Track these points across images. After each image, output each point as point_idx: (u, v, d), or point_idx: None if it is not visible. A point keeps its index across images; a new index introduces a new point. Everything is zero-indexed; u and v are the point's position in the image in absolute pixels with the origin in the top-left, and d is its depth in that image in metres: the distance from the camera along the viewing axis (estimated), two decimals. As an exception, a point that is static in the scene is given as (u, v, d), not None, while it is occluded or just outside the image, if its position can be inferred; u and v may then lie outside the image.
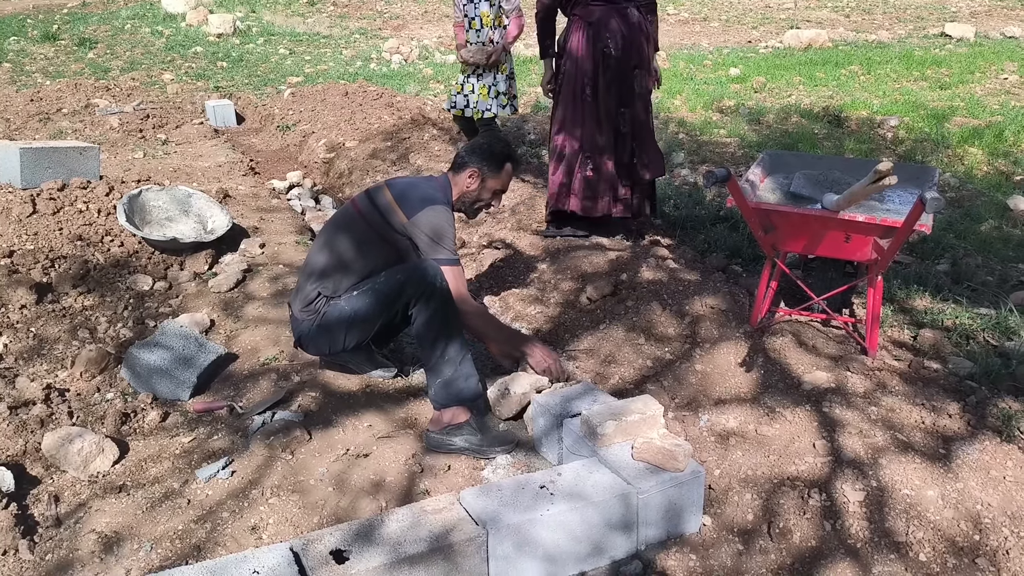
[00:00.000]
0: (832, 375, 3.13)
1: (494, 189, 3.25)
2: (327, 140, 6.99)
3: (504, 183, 3.27)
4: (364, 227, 3.11)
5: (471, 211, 3.31)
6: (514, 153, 3.31)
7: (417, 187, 3.17)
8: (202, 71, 11.41)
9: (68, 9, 20.52)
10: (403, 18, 19.51)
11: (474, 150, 3.23)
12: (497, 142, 3.30)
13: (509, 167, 3.24)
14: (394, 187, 3.16)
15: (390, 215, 3.08)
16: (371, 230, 3.10)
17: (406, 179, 3.32)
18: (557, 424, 2.84)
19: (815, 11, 21.82)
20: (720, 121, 8.06)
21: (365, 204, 3.15)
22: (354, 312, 3.01)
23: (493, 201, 3.29)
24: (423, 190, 3.14)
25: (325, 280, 3.09)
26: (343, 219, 3.22)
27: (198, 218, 4.62)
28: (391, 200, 3.09)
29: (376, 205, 3.11)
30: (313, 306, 3.08)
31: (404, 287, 2.95)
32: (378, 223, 3.09)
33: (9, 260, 3.97)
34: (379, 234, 3.09)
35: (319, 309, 3.07)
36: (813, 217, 3.08)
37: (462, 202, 3.24)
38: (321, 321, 3.06)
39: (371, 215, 3.10)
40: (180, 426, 3.04)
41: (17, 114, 8.13)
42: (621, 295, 3.81)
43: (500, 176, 3.22)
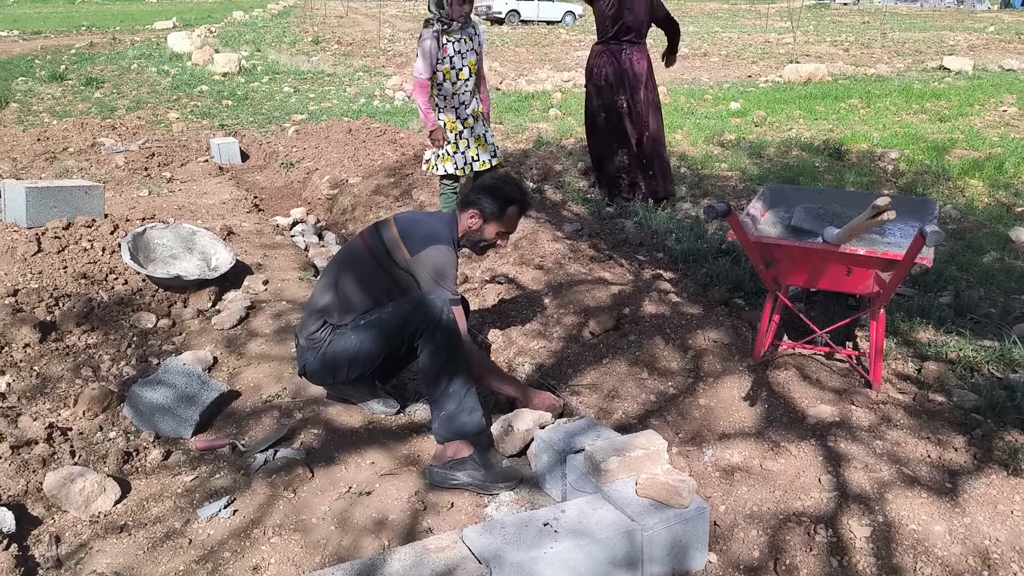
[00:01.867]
0: (836, 409, 3.12)
1: (498, 231, 3.22)
2: (331, 177, 7.04)
3: (508, 226, 3.24)
4: (371, 261, 3.13)
5: (477, 249, 3.31)
6: (520, 196, 3.25)
7: (422, 224, 3.19)
8: (207, 109, 11.54)
9: (76, 49, 20.85)
10: (406, 56, 19.76)
11: (480, 190, 3.24)
12: (504, 184, 3.27)
13: (513, 210, 3.21)
14: (400, 222, 3.19)
15: (394, 251, 3.10)
16: (377, 264, 3.12)
17: (413, 215, 3.35)
18: (560, 460, 2.83)
19: (814, 46, 22.07)
20: (721, 155, 8.11)
21: (373, 238, 3.18)
22: (359, 343, 3.03)
23: (499, 241, 3.28)
24: (428, 227, 3.16)
25: (331, 311, 3.12)
26: (350, 253, 3.25)
27: (202, 255, 4.64)
28: (396, 236, 3.11)
29: (383, 240, 3.14)
30: (318, 335, 3.11)
31: (409, 319, 2.96)
32: (383, 258, 3.11)
33: (13, 299, 3.98)
34: (384, 269, 3.11)
35: (324, 338, 3.10)
36: (814, 251, 3.09)
37: (467, 240, 3.25)
38: (326, 350, 3.08)
39: (378, 249, 3.13)
40: (182, 464, 3.03)
41: (24, 153, 8.22)
42: (624, 329, 3.81)
43: (502, 219, 3.20)
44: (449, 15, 4.88)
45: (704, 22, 34.31)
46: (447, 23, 4.90)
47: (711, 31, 28.73)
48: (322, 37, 24.44)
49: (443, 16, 4.89)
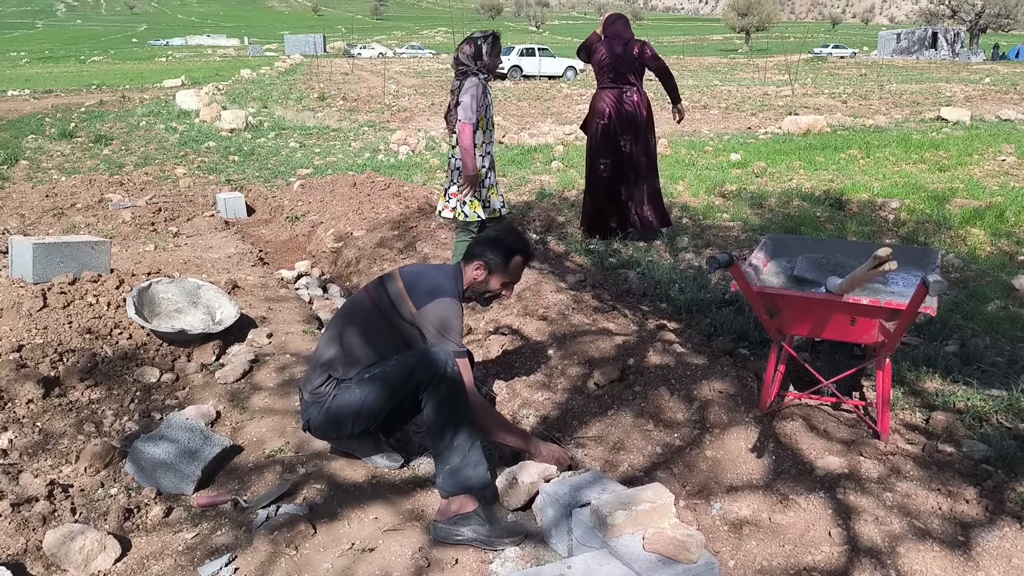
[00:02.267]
0: (845, 460, 3.09)
1: (503, 281, 3.24)
2: (335, 230, 7.10)
3: (512, 276, 3.26)
4: (375, 314, 3.14)
5: (482, 300, 3.32)
6: (524, 247, 3.28)
7: (427, 277, 3.20)
8: (214, 165, 11.68)
9: (86, 107, 21.21)
10: (410, 111, 20.08)
11: (484, 243, 3.26)
12: (508, 235, 3.30)
13: (517, 261, 3.23)
14: (405, 276, 3.21)
15: (400, 304, 3.11)
16: (382, 317, 3.13)
17: (417, 268, 3.37)
18: (566, 514, 2.79)
19: (812, 98, 22.38)
20: (723, 205, 8.17)
21: (378, 292, 3.19)
22: (363, 397, 3.02)
23: (503, 292, 3.29)
24: (433, 280, 3.17)
25: (335, 365, 3.12)
26: (355, 306, 3.26)
27: (207, 309, 4.65)
28: (402, 289, 3.13)
29: (388, 293, 3.16)
30: (323, 389, 3.11)
31: (414, 372, 2.96)
32: (389, 311, 3.12)
33: (18, 355, 3.99)
34: (389, 322, 3.12)
35: (328, 392, 3.09)
36: (817, 300, 3.09)
37: (472, 291, 3.27)
38: (330, 404, 3.07)
39: (383, 303, 3.14)
40: (183, 521, 2.99)
41: (32, 209, 8.31)
42: (629, 380, 3.80)
43: (507, 270, 3.22)
44: (487, 66, 5.10)
45: (703, 75, 34.86)
46: (486, 74, 5.11)
47: (710, 84, 29.18)
48: (328, 93, 24.86)
49: (480, 67, 5.08)
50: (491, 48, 5.09)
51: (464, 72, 5.10)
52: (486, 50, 5.06)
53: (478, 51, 5.06)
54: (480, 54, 5.06)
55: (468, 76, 5.07)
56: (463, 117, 5.02)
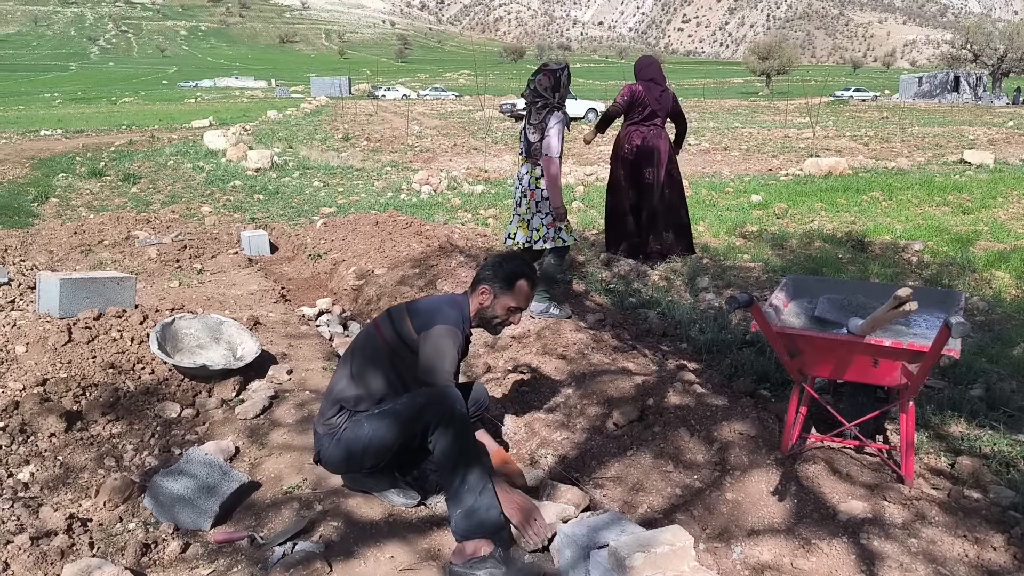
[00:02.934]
0: (868, 504, 3.04)
1: (508, 306, 3.27)
2: (357, 268, 7.15)
3: (519, 301, 3.28)
4: (383, 346, 3.20)
5: (491, 328, 3.36)
6: (528, 269, 3.33)
7: (431, 304, 3.27)
8: (239, 203, 11.85)
9: (115, 147, 21.65)
10: (433, 151, 20.32)
11: (489, 267, 3.32)
12: (512, 260, 3.35)
13: (522, 284, 3.26)
14: (411, 305, 3.29)
15: (403, 332, 3.17)
16: (390, 350, 3.18)
17: (425, 299, 3.42)
18: (584, 556, 2.76)
19: (834, 140, 22.41)
20: (743, 246, 8.15)
21: (384, 323, 3.26)
22: (372, 432, 3.05)
23: (511, 318, 3.32)
24: (435, 307, 3.23)
25: (347, 398, 3.17)
26: (365, 339, 3.32)
27: (228, 345, 4.69)
28: (406, 317, 3.19)
29: (393, 323, 3.22)
30: (335, 420, 3.15)
31: (423, 412, 2.98)
32: (395, 342, 3.18)
33: (42, 388, 4.03)
34: (397, 354, 3.17)
35: (340, 424, 3.13)
36: (839, 342, 3.07)
37: (481, 318, 3.30)
38: (341, 436, 3.11)
39: (389, 334, 3.20)
40: (200, 558, 2.98)
41: (60, 246, 8.45)
42: (648, 420, 3.77)
43: (513, 294, 3.25)
44: (563, 97, 5.23)
45: (724, 118, 35.05)
46: (560, 105, 5.22)
47: (731, 126, 29.32)
48: (352, 134, 25.24)
49: (559, 100, 5.21)
50: (568, 79, 5.24)
51: (544, 105, 5.20)
52: (564, 82, 5.21)
53: (556, 83, 5.19)
54: (558, 86, 5.19)
55: (549, 109, 5.19)
56: (552, 152, 5.17)
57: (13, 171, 16.87)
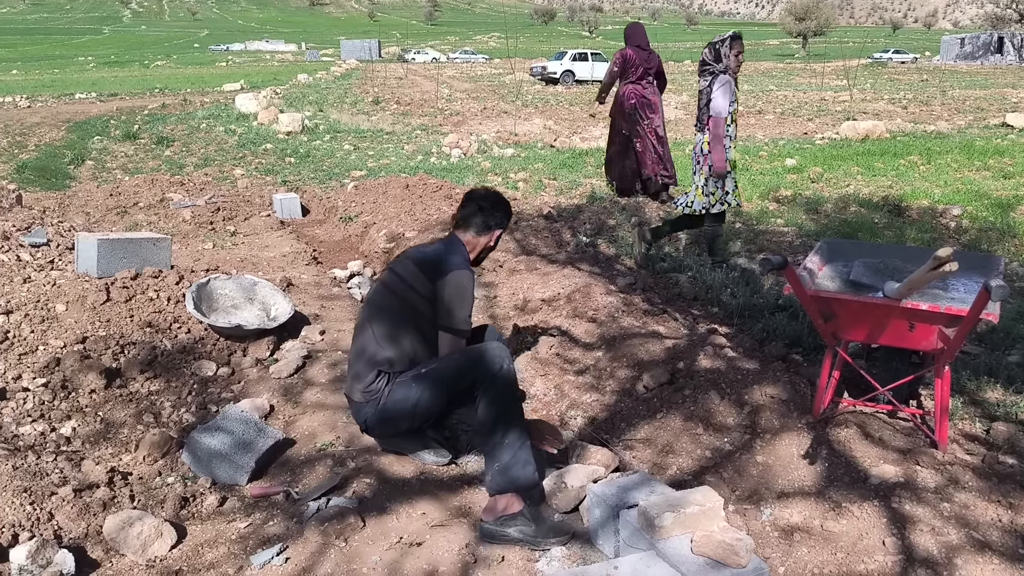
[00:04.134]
0: (900, 469, 3.02)
1: (496, 237, 3.47)
2: (387, 230, 7.18)
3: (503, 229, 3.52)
4: (403, 304, 3.23)
5: (479, 261, 3.50)
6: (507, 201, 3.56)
7: (437, 253, 3.31)
8: (271, 166, 11.91)
9: (149, 110, 21.83)
10: (463, 115, 20.21)
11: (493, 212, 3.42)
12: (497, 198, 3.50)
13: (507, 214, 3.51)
14: (416, 255, 3.33)
15: (416, 282, 3.21)
16: (409, 306, 3.22)
17: (425, 248, 3.45)
18: (613, 515, 2.78)
19: (871, 103, 21.94)
20: (777, 211, 8.05)
21: (396, 282, 3.29)
22: (419, 394, 3.10)
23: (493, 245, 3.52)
24: (446, 255, 3.27)
25: (381, 362, 3.17)
26: (376, 297, 3.36)
27: (262, 306, 4.75)
28: (415, 268, 3.24)
29: (400, 276, 3.27)
30: (375, 386, 3.16)
31: (468, 371, 3.03)
32: (406, 292, 3.22)
33: (82, 346, 4.12)
34: (415, 307, 3.21)
35: (381, 388, 3.15)
36: (874, 305, 3.03)
37: (477, 257, 3.44)
38: (385, 401, 3.14)
39: (398, 287, 3.25)
40: (237, 511, 3.06)
41: (97, 208, 8.57)
42: (678, 384, 3.77)
43: (504, 227, 3.49)
44: (727, 67, 5.49)
45: (758, 80, 34.43)
46: (730, 73, 5.49)
47: (766, 89, 28.80)
48: (382, 98, 25.17)
49: (725, 67, 5.49)
50: (729, 48, 5.49)
51: (711, 72, 5.52)
52: (724, 51, 5.48)
53: (717, 54, 5.51)
54: (719, 56, 5.50)
55: (716, 75, 5.49)
56: (716, 110, 5.45)
57: (50, 134, 17.10)
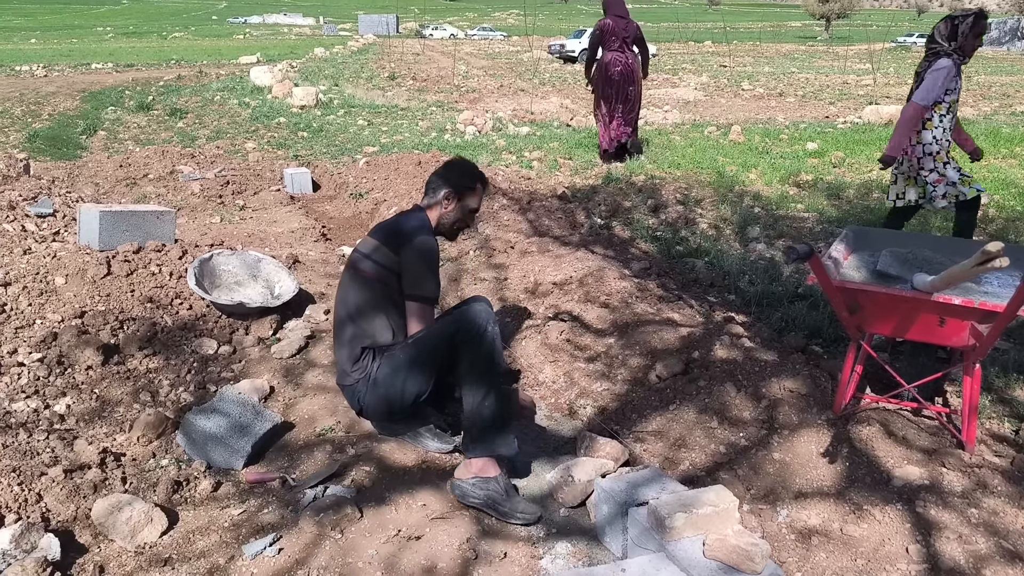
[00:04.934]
0: (925, 470, 2.88)
1: (468, 209, 3.29)
2: (398, 208, 7.03)
3: (478, 201, 3.32)
4: (374, 282, 3.13)
5: (452, 233, 3.33)
6: (475, 168, 3.36)
7: (399, 223, 3.23)
8: (283, 140, 11.78)
9: (164, 82, 21.72)
10: (479, 92, 19.99)
11: (442, 175, 3.29)
12: (462, 164, 3.35)
13: (479, 184, 3.30)
14: (376, 231, 3.24)
15: (382, 256, 3.10)
16: (380, 283, 3.11)
17: (385, 222, 3.37)
18: (622, 512, 2.65)
19: (894, 88, 21.54)
20: (797, 195, 7.85)
21: (363, 262, 3.18)
22: (409, 365, 3.00)
23: (469, 221, 3.35)
24: (406, 224, 3.18)
25: (359, 337, 3.10)
26: (346, 281, 3.25)
27: (266, 283, 4.63)
28: (379, 243, 3.13)
29: (370, 257, 3.14)
30: (362, 364, 3.08)
31: (451, 331, 2.93)
32: (379, 272, 3.11)
33: (80, 320, 4.02)
34: (385, 283, 3.10)
35: (368, 366, 3.07)
36: (903, 298, 2.87)
37: (442, 226, 3.28)
38: (377, 375, 3.04)
39: (371, 268, 3.13)
40: (231, 497, 2.95)
41: (106, 179, 8.47)
42: (693, 374, 3.63)
43: (472, 196, 3.27)
44: (961, 47, 4.87)
45: (780, 62, 33.93)
46: (960, 56, 4.87)
47: (787, 71, 28.37)
48: (398, 73, 24.94)
49: (954, 48, 4.85)
50: (970, 28, 4.82)
51: (935, 52, 4.90)
52: (962, 30, 4.82)
53: (953, 31, 4.85)
54: (955, 34, 4.84)
55: (939, 56, 4.87)
56: (919, 98, 4.86)
57: (64, 103, 17.03)
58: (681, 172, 8.82)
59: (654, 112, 15.11)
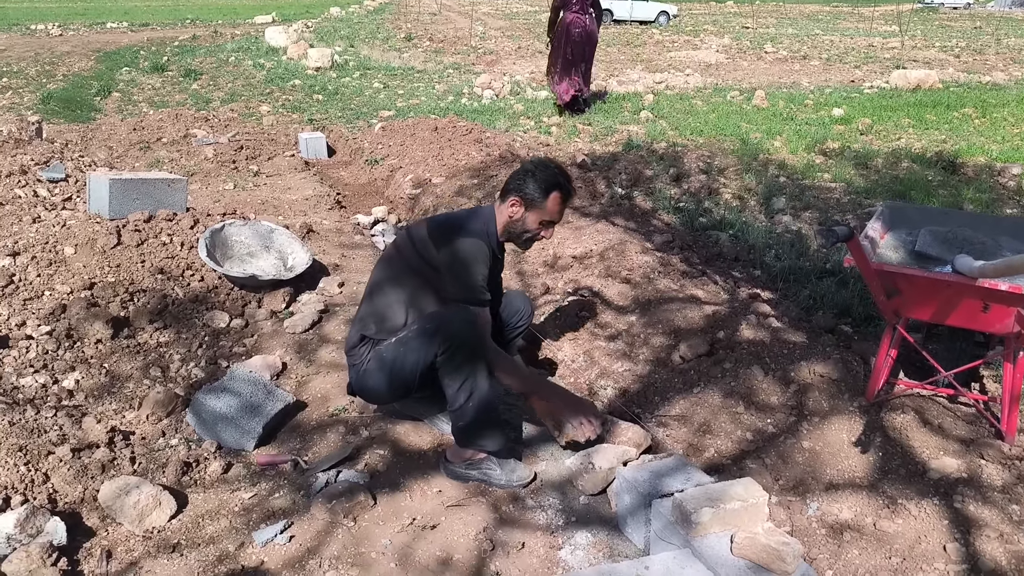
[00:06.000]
0: (963, 462, 2.75)
1: (541, 220, 2.97)
2: (414, 175, 6.89)
3: (552, 213, 2.97)
4: (401, 264, 2.99)
5: (521, 243, 3.07)
6: (564, 180, 2.97)
7: (453, 219, 3.04)
8: (298, 103, 11.60)
9: (179, 42, 21.49)
10: (497, 54, 19.63)
11: (520, 176, 2.98)
12: (543, 169, 2.98)
13: (556, 196, 2.93)
14: (432, 220, 3.04)
15: (424, 249, 2.93)
16: (406, 266, 2.97)
17: (447, 213, 3.20)
18: (645, 503, 2.55)
19: (922, 51, 20.98)
20: (824, 164, 7.63)
21: (404, 240, 3.04)
22: (392, 363, 2.85)
23: (542, 232, 3.02)
24: (459, 222, 2.98)
25: (368, 322, 2.97)
26: (385, 258, 3.11)
27: (279, 254, 4.52)
28: (426, 234, 2.94)
29: (412, 240, 2.99)
30: (357, 350, 2.97)
31: (433, 336, 2.74)
32: (413, 258, 2.95)
33: (89, 292, 3.93)
34: (415, 271, 2.95)
35: (363, 354, 2.95)
36: (946, 283, 2.72)
37: (509, 232, 3.01)
38: (366, 367, 2.93)
39: (407, 251, 2.99)
40: (242, 479, 2.87)
41: (120, 142, 8.35)
42: (718, 355, 3.50)
43: (545, 206, 2.93)
44: None
45: (803, 24, 33.18)
46: None
47: (811, 33, 27.71)
48: (415, 34, 24.55)
49: None
50: None
51: None
52: None
53: None
54: None
55: None
56: None
57: (79, 64, 16.88)
58: (704, 139, 8.61)
59: (675, 75, 14.76)
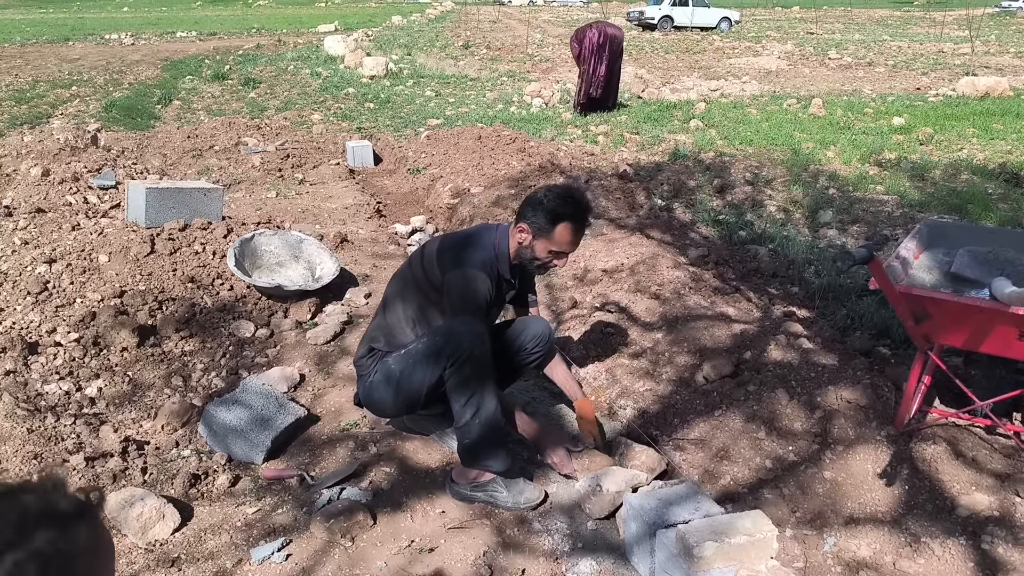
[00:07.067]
0: (996, 499, 2.59)
1: (549, 249, 2.82)
2: (453, 185, 6.88)
3: (562, 244, 2.81)
4: (411, 280, 2.96)
5: (532, 269, 2.98)
6: (573, 211, 2.80)
7: (464, 243, 2.94)
8: (349, 112, 11.73)
9: (244, 50, 22.00)
10: (552, 61, 19.60)
11: (530, 203, 2.85)
12: (555, 198, 2.80)
13: (563, 228, 2.77)
14: (444, 241, 2.99)
15: (431, 269, 2.88)
16: (416, 283, 2.94)
17: (460, 233, 3.12)
18: (650, 533, 2.45)
19: (995, 57, 20.24)
20: (878, 176, 7.36)
21: (417, 257, 3.00)
22: (399, 377, 2.83)
23: (555, 261, 2.88)
24: (466, 247, 2.89)
25: (377, 336, 2.96)
26: (398, 273, 3.09)
27: (307, 264, 4.54)
28: (435, 254, 2.89)
29: (423, 258, 2.95)
30: (364, 361, 2.96)
31: (440, 351, 2.71)
32: (420, 278, 2.92)
33: (119, 300, 4.00)
34: (420, 287, 2.92)
35: (370, 366, 2.93)
36: (978, 308, 2.56)
37: (520, 257, 2.91)
38: (374, 379, 2.91)
39: (416, 269, 2.95)
40: (248, 493, 2.86)
41: (174, 150, 8.55)
42: (742, 377, 3.37)
43: (552, 236, 2.79)
44: None
45: (871, 29, 32.36)
46: None
47: (879, 39, 27.00)
48: (472, 42, 24.70)
49: None
50: None
51: None
52: None
53: None
54: None
55: None
56: None
57: (146, 72, 17.40)
58: (753, 149, 8.40)
59: (731, 83, 14.51)
